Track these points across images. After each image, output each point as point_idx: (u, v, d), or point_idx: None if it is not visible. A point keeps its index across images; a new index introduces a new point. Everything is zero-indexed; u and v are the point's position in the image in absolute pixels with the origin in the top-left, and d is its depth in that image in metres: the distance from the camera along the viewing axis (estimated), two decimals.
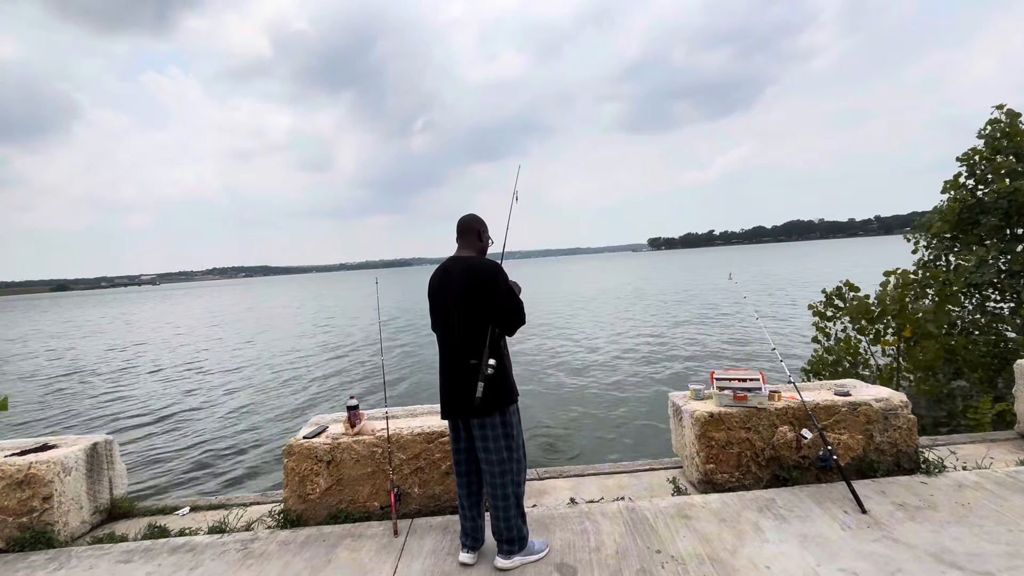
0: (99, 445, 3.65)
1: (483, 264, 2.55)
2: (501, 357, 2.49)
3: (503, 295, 2.48)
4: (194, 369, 16.83)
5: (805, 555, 2.53)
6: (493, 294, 2.46)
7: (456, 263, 2.59)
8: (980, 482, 3.17)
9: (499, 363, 2.45)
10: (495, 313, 2.47)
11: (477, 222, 2.70)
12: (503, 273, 2.54)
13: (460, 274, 2.53)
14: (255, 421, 10.37)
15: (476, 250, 2.68)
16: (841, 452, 3.37)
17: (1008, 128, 6.73)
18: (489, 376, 2.40)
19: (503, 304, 2.47)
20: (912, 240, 7.63)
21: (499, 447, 2.51)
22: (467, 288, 2.48)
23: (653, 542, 2.73)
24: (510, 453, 2.54)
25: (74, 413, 12.01)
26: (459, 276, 2.53)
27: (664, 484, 3.62)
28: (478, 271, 2.51)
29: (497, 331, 2.49)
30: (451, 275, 2.56)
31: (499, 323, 2.48)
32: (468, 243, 2.68)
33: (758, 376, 3.46)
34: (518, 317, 2.52)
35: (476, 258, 2.60)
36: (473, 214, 2.73)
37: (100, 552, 3.03)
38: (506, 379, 2.51)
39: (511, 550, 2.56)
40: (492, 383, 2.42)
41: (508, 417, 2.53)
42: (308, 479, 3.28)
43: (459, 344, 2.49)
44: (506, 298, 2.48)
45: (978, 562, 2.39)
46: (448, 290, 2.55)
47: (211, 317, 39.43)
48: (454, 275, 2.55)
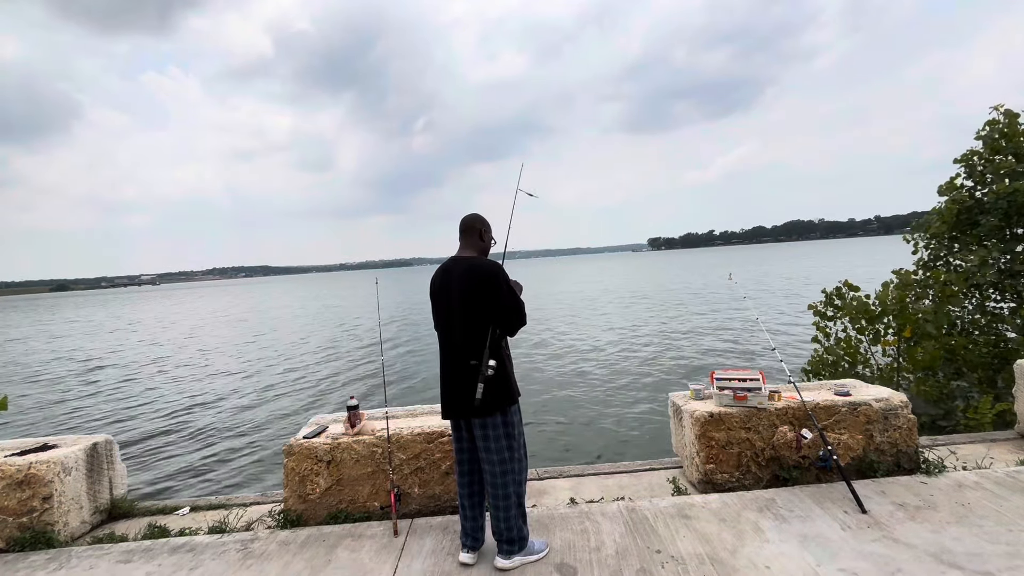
0: (99, 445, 3.65)
1: (484, 264, 2.53)
2: (502, 358, 2.48)
3: (504, 295, 2.47)
4: (194, 369, 16.83)
5: (805, 555, 2.53)
6: (494, 294, 2.46)
7: (457, 263, 2.59)
8: (980, 482, 3.17)
9: (499, 364, 2.44)
10: (496, 313, 2.46)
11: (479, 222, 2.69)
12: (504, 273, 2.54)
13: (461, 274, 2.52)
14: (255, 421, 10.38)
15: (478, 250, 2.67)
16: (841, 452, 3.37)
17: (1007, 129, 6.73)
18: (489, 377, 2.40)
19: (504, 304, 2.46)
20: (911, 241, 7.63)
21: (500, 447, 2.50)
22: (468, 288, 2.48)
23: (653, 542, 2.73)
24: (511, 453, 2.53)
25: (74, 413, 12.01)
26: (460, 276, 2.52)
27: (664, 484, 3.63)
28: (479, 271, 2.50)
29: (498, 332, 2.48)
30: (452, 275, 2.56)
31: (500, 323, 2.48)
32: (469, 243, 2.67)
33: (758, 376, 3.46)
34: (519, 317, 2.51)
35: (477, 258, 2.59)
36: (476, 214, 2.72)
37: (100, 552, 3.03)
38: (507, 379, 2.51)
39: (511, 550, 2.55)
40: (492, 384, 2.41)
41: (509, 417, 2.53)
42: (308, 479, 3.28)
43: (459, 344, 2.49)
44: (507, 298, 2.47)
45: (978, 562, 2.39)
46: (449, 290, 2.54)
47: (211, 317, 39.41)
48: (455, 275, 2.54)
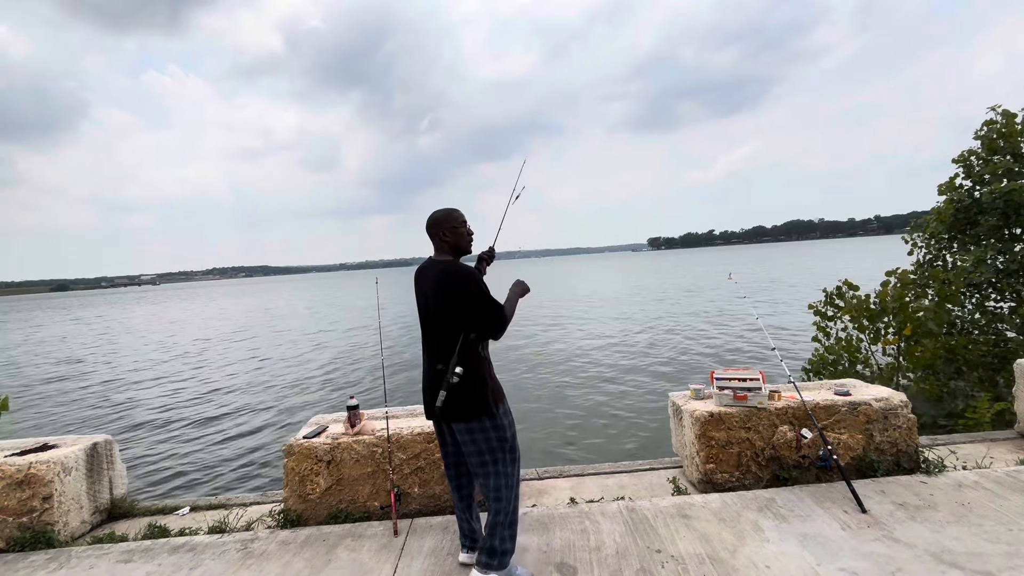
0: (99, 445, 3.65)
1: (454, 269, 2.40)
2: (472, 365, 2.34)
3: (475, 300, 2.33)
4: (194, 369, 16.81)
5: (805, 555, 2.53)
6: (463, 300, 2.33)
7: (432, 265, 2.48)
8: (980, 481, 3.17)
9: (468, 371, 2.32)
10: (468, 319, 2.34)
11: (437, 224, 2.49)
12: (476, 277, 2.38)
13: (433, 278, 2.43)
14: (255, 421, 10.37)
15: (448, 249, 2.50)
16: (841, 452, 3.37)
17: (1004, 128, 6.74)
18: (453, 384, 2.29)
19: (477, 308, 2.33)
20: (910, 241, 7.64)
21: (481, 450, 2.38)
22: (437, 293, 2.38)
23: (653, 542, 2.74)
24: (496, 465, 2.39)
25: (74, 413, 12.01)
26: (432, 280, 2.43)
27: (664, 484, 3.63)
28: (449, 276, 2.38)
29: (472, 336, 2.35)
30: (426, 278, 2.47)
31: (476, 328, 2.35)
32: (437, 246, 2.52)
33: (758, 376, 3.46)
34: (494, 320, 2.35)
35: (449, 262, 2.45)
36: (434, 214, 2.53)
37: (100, 552, 3.03)
38: (478, 387, 2.35)
39: (490, 564, 2.38)
40: (457, 391, 2.31)
41: (494, 421, 2.38)
42: (308, 479, 3.28)
43: (431, 351, 2.45)
44: (479, 303, 2.33)
45: (978, 562, 2.39)
46: (423, 293, 2.47)
47: (211, 317, 39.40)
48: (428, 278, 2.45)
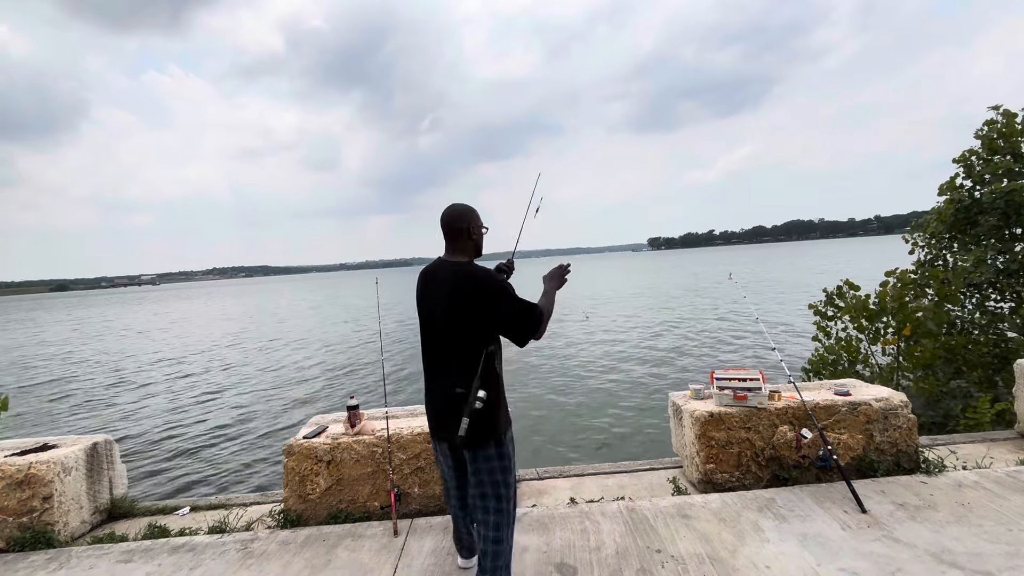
0: (99, 445, 3.65)
1: (472, 270, 2.10)
2: (491, 388, 2.05)
3: (503, 303, 2.04)
4: (194, 369, 16.82)
5: (805, 555, 2.53)
6: (486, 305, 2.03)
7: (443, 267, 2.18)
8: (980, 482, 3.17)
9: (489, 395, 2.03)
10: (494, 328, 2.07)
11: (464, 219, 2.19)
12: (499, 277, 2.10)
13: (446, 282, 2.11)
14: (255, 421, 10.37)
15: (473, 248, 2.24)
16: (841, 452, 3.37)
17: (1005, 128, 6.74)
18: (477, 410, 1.98)
19: (506, 310, 2.03)
20: (910, 241, 7.64)
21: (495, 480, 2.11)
22: (455, 298, 2.06)
23: (653, 542, 2.73)
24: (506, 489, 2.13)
25: (74, 413, 12.01)
26: (445, 283, 2.11)
27: (664, 484, 3.63)
28: (466, 279, 2.07)
29: (491, 349, 2.07)
30: (436, 282, 2.16)
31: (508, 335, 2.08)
32: (457, 246, 2.21)
33: (758, 376, 3.46)
34: (529, 324, 2.04)
35: (466, 264, 2.14)
36: (458, 208, 2.21)
37: (100, 552, 3.03)
38: (493, 410, 2.08)
39: None
40: (480, 417, 2.00)
41: (504, 448, 2.13)
42: (308, 479, 3.28)
43: (443, 367, 2.11)
44: (509, 305, 2.04)
45: (978, 562, 2.39)
46: (432, 300, 2.15)
47: (212, 318, 39.38)
48: (439, 282, 2.14)
